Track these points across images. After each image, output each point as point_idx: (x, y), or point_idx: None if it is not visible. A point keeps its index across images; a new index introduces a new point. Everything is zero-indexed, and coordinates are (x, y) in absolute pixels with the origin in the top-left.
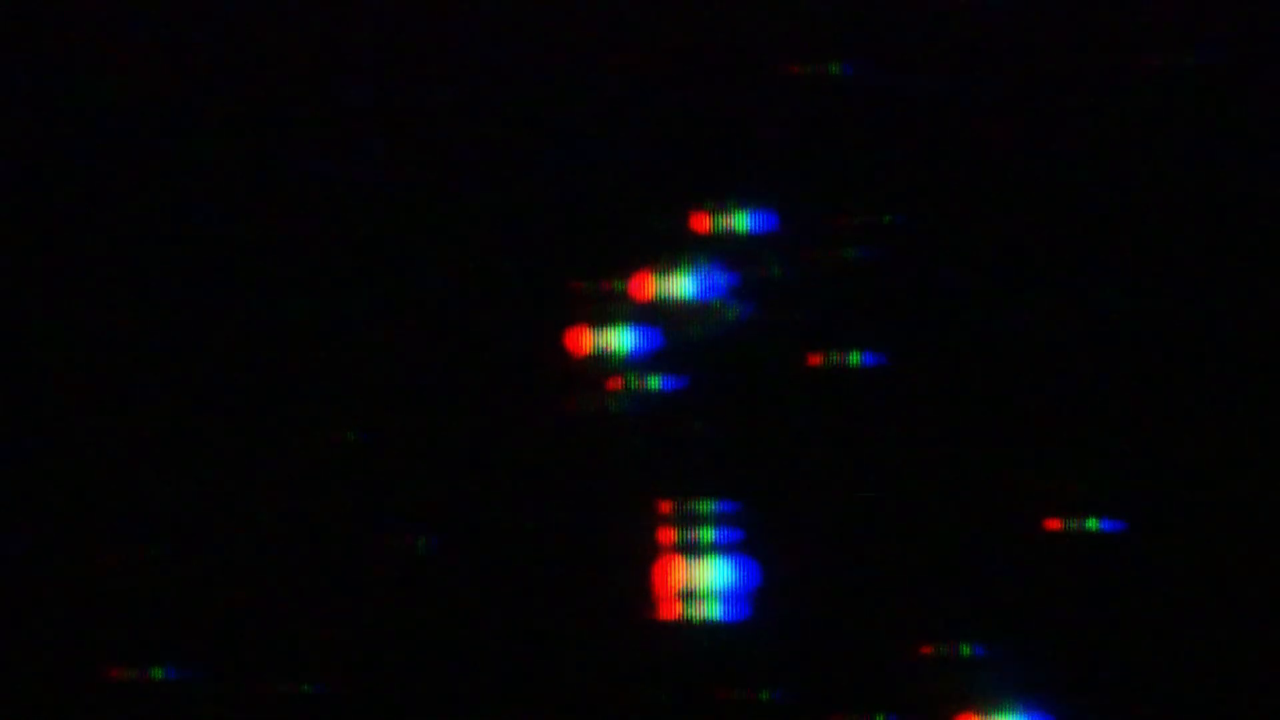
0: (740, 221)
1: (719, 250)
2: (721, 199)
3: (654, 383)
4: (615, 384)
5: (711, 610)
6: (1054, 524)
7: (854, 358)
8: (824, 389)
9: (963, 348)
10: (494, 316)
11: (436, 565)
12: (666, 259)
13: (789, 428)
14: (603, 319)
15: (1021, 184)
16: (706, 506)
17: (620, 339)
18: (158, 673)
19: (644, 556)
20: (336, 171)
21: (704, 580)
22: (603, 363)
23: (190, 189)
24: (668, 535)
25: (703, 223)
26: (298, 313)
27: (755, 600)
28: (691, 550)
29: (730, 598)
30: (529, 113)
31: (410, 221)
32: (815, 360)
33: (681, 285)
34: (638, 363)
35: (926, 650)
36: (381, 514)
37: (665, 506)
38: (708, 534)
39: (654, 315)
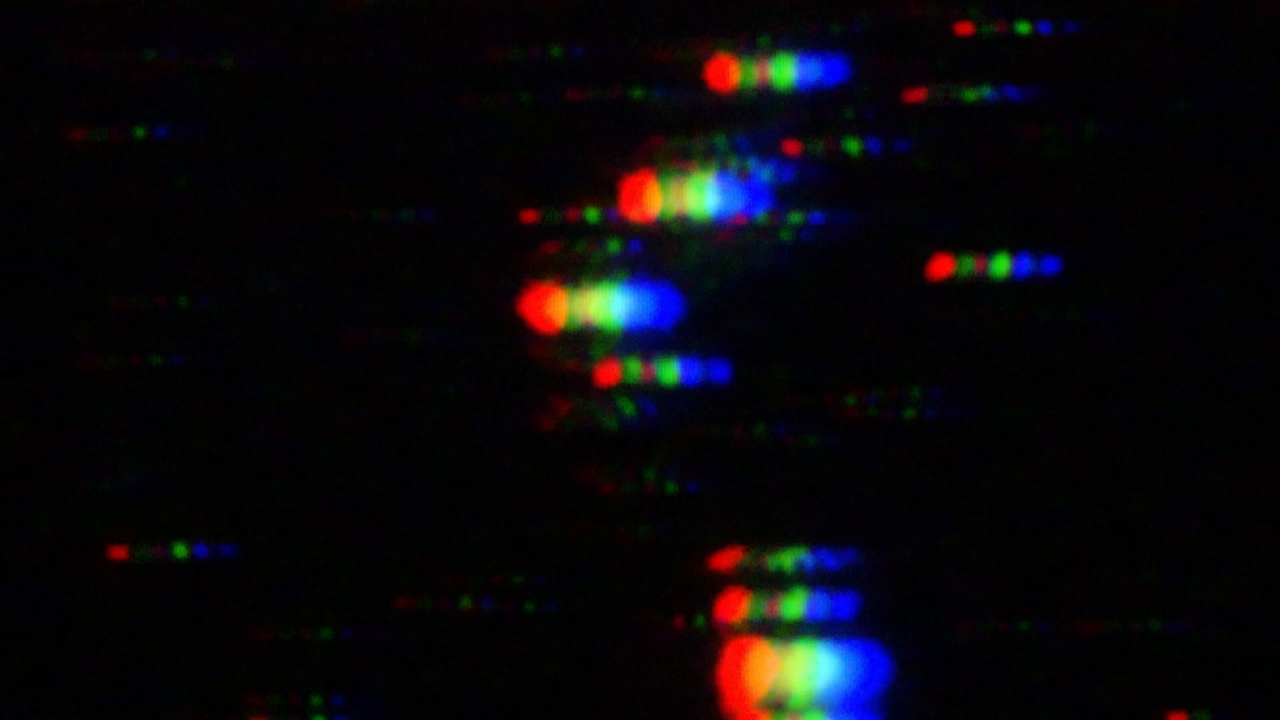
0: (786, 70)
1: (758, 124)
2: (752, 33)
3: (670, 372)
4: (609, 376)
5: None
6: None
7: (1000, 266)
8: (958, 330)
9: (1166, 232)
10: (401, 281)
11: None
12: (673, 152)
13: (909, 405)
14: (580, 270)
15: None
16: (788, 561)
17: (611, 302)
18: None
19: (701, 647)
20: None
21: (798, 679)
22: (586, 342)
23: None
24: (733, 609)
25: (725, 76)
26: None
27: (886, 706)
28: (773, 632)
29: (845, 705)
30: None
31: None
32: (940, 271)
33: (703, 195)
34: (644, 338)
35: None
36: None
37: (725, 563)
38: (796, 605)
39: (663, 255)
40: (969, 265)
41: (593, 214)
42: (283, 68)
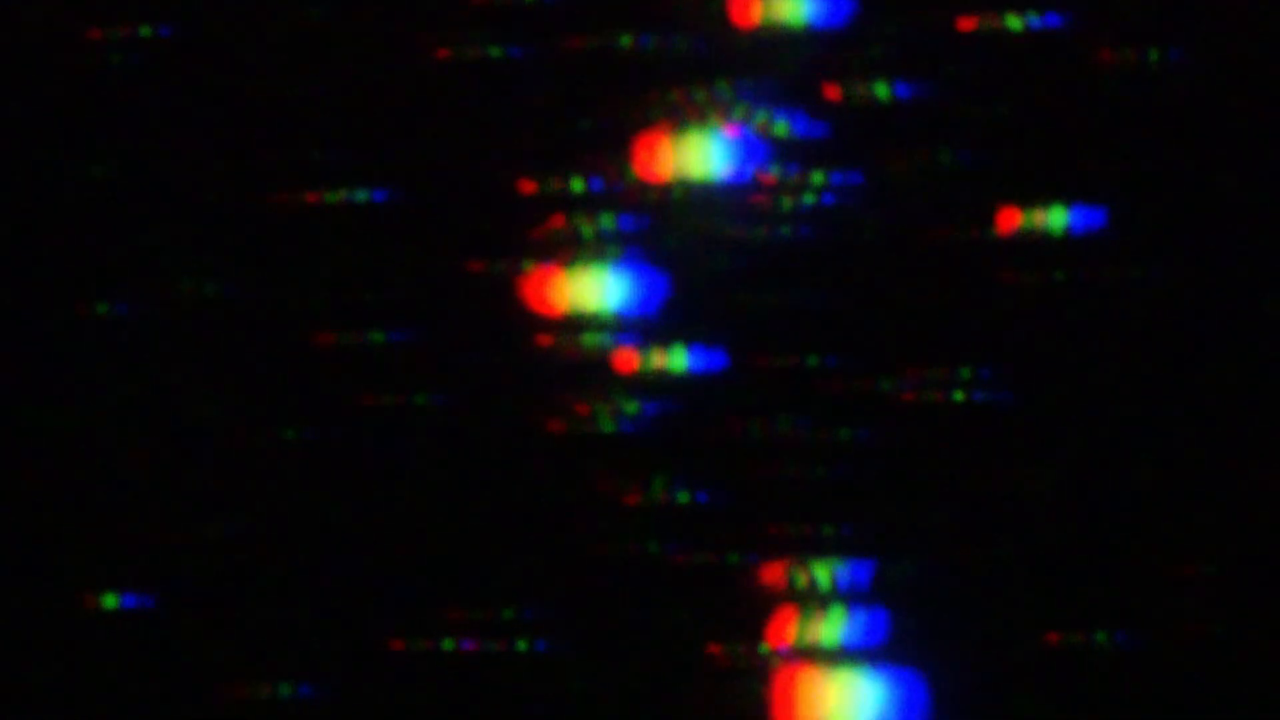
0: (803, 5)
1: (784, 68)
2: None
3: (681, 360)
4: (627, 365)
5: None
6: None
7: (1056, 218)
8: (1011, 298)
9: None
10: (373, 272)
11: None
12: (689, 105)
13: (956, 386)
14: (587, 247)
15: None
16: (823, 576)
17: (620, 283)
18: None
19: (743, 672)
20: None
21: (845, 710)
22: (595, 327)
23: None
24: (782, 632)
25: (748, 13)
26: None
27: None
28: (814, 658)
29: None
30: None
31: None
32: (1008, 223)
33: (722, 154)
34: (660, 323)
35: None
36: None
37: (770, 578)
38: (835, 626)
39: (677, 225)
40: (1026, 222)
41: (598, 181)
42: (212, 24)
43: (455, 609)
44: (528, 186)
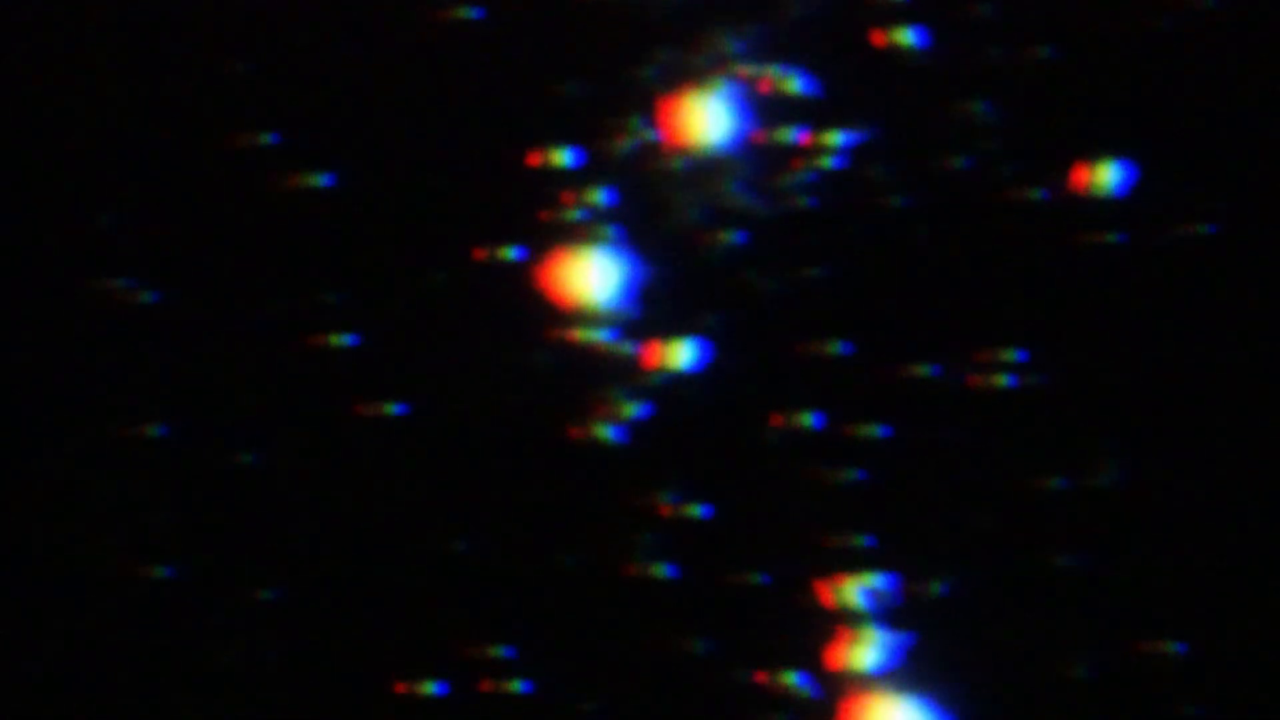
0: None
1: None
2: None
3: (688, 354)
4: (652, 360)
5: None
6: None
7: (1106, 171)
8: (1055, 270)
9: None
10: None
11: None
12: (689, 65)
13: (998, 370)
14: (584, 229)
15: None
16: (853, 594)
17: (623, 269)
18: None
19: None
20: None
21: None
22: (605, 321)
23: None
24: (839, 657)
25: None
26: None
27: None
28: (858, 685)
29: None
30: None
31: None
32: (1077, 180)
33: (721, 118)
34: (665, 313)
35: None
36: None
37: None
38: (873, 649)
39: (684, 201)
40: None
41: (589, 154)
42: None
43: (465, 643)
44: (515, 164)
